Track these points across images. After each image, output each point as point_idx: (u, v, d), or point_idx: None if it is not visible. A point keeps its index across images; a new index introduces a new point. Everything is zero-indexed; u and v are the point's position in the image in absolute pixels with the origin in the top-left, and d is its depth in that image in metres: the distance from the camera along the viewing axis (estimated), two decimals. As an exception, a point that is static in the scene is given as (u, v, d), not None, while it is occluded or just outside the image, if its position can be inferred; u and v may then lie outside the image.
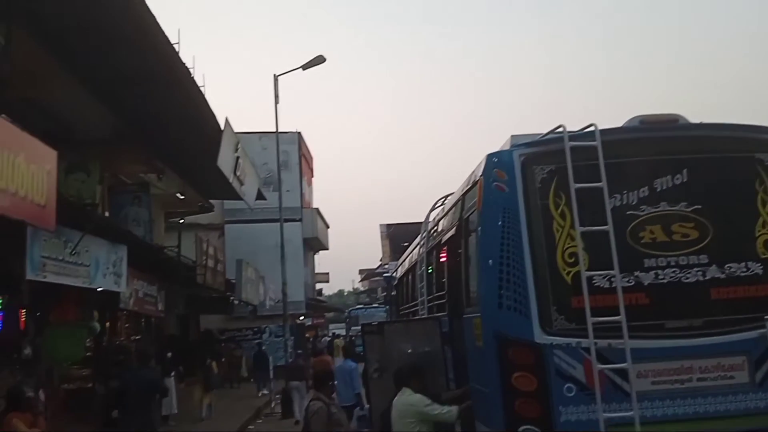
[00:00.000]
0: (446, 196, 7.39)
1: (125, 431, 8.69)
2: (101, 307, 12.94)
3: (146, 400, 8.83)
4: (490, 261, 4.81)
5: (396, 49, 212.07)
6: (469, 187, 5.59)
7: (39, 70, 9.04)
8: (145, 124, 12.10)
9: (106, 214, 12.99)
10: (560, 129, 4.85)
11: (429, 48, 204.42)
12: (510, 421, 4.49)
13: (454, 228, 6.12)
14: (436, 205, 7.84)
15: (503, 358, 4.60)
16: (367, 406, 7.92)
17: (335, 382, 7.28)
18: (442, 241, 6.83)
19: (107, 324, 14.86)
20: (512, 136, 5.33)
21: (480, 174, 5.15)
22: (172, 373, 15.08)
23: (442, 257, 6.89)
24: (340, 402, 10.03)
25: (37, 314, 10.23)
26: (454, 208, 6.32)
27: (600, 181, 4.68)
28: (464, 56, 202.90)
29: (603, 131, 4.83)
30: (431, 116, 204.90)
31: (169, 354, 16.05)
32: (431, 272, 7.63)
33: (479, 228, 5.08)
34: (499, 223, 4.80)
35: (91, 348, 13.95)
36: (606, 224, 4.61)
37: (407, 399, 5.44)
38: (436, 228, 7.51)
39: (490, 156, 5.12)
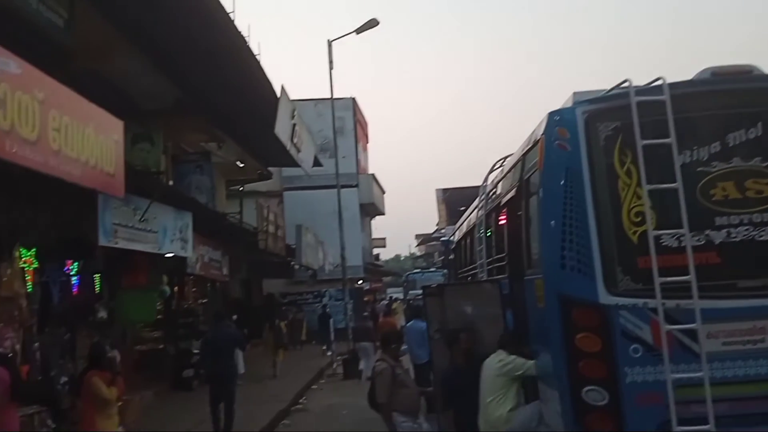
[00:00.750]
0: (505, 158, 7.27)
1: (213, 378, 9.65)
2: (170, 271, 13.49)
3: (229, 351, 9.62)
4: (553, 222, 4.72)
5: (452, 7, 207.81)
6: (529, 146, 5.48)
7: (102, 43, 9.30)
8: (205, 94, 12.35)
9: (171, 182, 13.41)
10: (626, 84, 4.67)
11: (486, 6, 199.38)
12: (574, 383, 4.46)
13: (515, 189, 6.02)
14: (495, 167, 7.73)
15: (566, 320, 4.54)
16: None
17: (403, 344, 7.38)
18: (502, 203, 6.75)
19: (176, 288, 15.49)
20: (575, 93, 5.16)
21: (541, 133, 5.03)
22: (238, 335, 15.63)
23: (502, 219, 6.81)
24: (416, 360, 10.26)
25: (111, 279, 10.75)
26: (514, 169, 6.21)
27: (668, 137, 4.50)
28: (525, 14, 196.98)
29: (672, 85, 4.63)
30: (489, 77, 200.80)
31: (235, 317, 16.58)
32: (490, 235, 7.56)
33: (541, 188, 4.98)
34: (562, 182, 4.70)
35: (162, 311, 14.61)
36: (675, 182, 4.45)
37: (504, 359, 5.41)
38: (495, 190, 7.41)
39: (551, 114, 4.99)
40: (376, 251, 43.34)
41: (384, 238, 46.94)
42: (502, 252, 6.71)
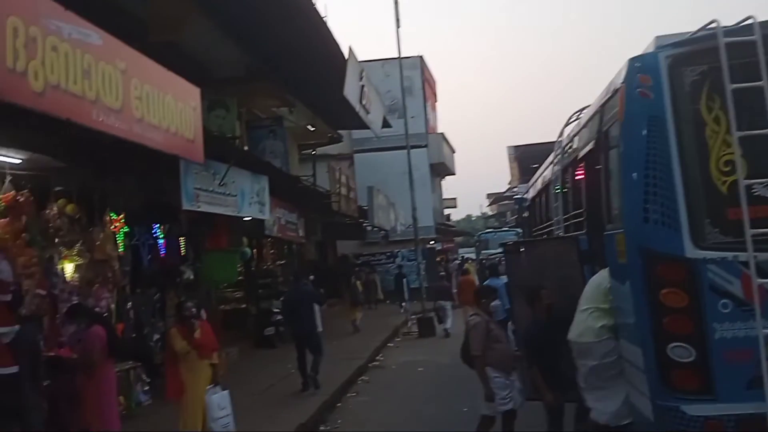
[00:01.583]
0: (582, 110, 7.02)
1: (296, 334, 10.42)
2: (249, 234, 13.95)
3: (308, 308, 10.27)
4: (635, 174, 4.54)
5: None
6: (609, 96, 5.25)
7: (178, 13, 9.51)
8: (275, 60, 12.49)
9: (246, 147, 13.75)
10: (713, 24, 4.37)
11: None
12: (659, 339, 4.33)
13: (593, 142, 5.81)
14: (571, 120, 7.48)
15: (650, 275, 4.40)
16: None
17: (496, 299, 7.39)
18: (579, 157, 6.54)
19: (255, 250, 16.03)
20: (657, 37, 4.88)
21: (621, 81, 4.80)
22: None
23: (579, 174, 6.61)
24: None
25: (195, 241, 11.23)
26: (592, 121, 5.99)
27: (760, 79, 4.20)
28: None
29: (763, 24, 4.30)
30: (565, 26, 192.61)
31: (312, 277, 17.06)
32: (567, 190, 7.37)
33: (622, 140, 4.78)
34: (644, 132, 4.49)
35: (243, 272, 15.18)
36: (767, 128, 4.17)
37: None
38: (571, 144, 7.18)
39: (632, 60, 4.74)
40: (447, 211, 43.18)
41: (455, 198, 46.63)
42: (579, 207, 6.54)
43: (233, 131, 11.89)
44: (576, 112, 7.32)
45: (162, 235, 10.21)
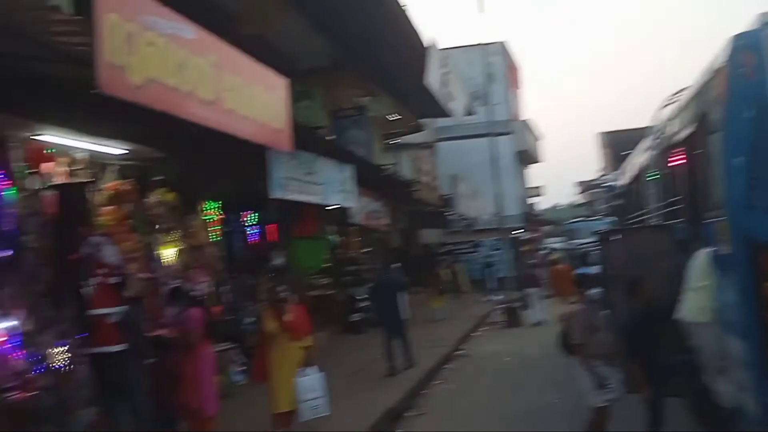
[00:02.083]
0: (679, 92, 6.66)
1: (384, 319, 10.91)
2: (335, 222, 14.21)
3: (394, 294, 10.76)
4: (738, 158, 4.29)
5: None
6: (709, 77, 4.96)
7: (265, 6, 9.78)
8: (358, 50, 12.60)
9: (331, 137, 13.99)
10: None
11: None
12: (765, 333, 4.09)
13: (692, 126, 5.52)
14: (667, 104, 7.12)
15: (756, 265, 4.15)
16: None
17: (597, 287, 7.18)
18: (676, 142, 6.23)
19: (341, 238, 16.33)
20: (761, 13, 4.56)
21: (723, 60, 4.53)
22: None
23: (677, 159, 6.29)
24: None
25: (284, 229, 11.57)
26: (690, 104, 5.69)
27: None
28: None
29: None
30: (654, 6, 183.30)
31: (398, 265, 17.20)
32: (663, 177, 7.04)
33: (724, 122, 4.52)
34: (749, 114, 4.23)
35: (329, 260, 15.50)
36: None
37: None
38: (667, 128, 6.85)
39: (735, 38, 4.47)
40: (532, 200, 42.23)
41: (540, 187, 45.55)
42: (676, 195, 6.24)
43: (319, 121, 12.12)
44: (673, 95, 6.97)
45: (254, 223, 10.58)
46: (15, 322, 6.42)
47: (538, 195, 44.55)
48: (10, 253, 6.22)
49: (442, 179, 21.63)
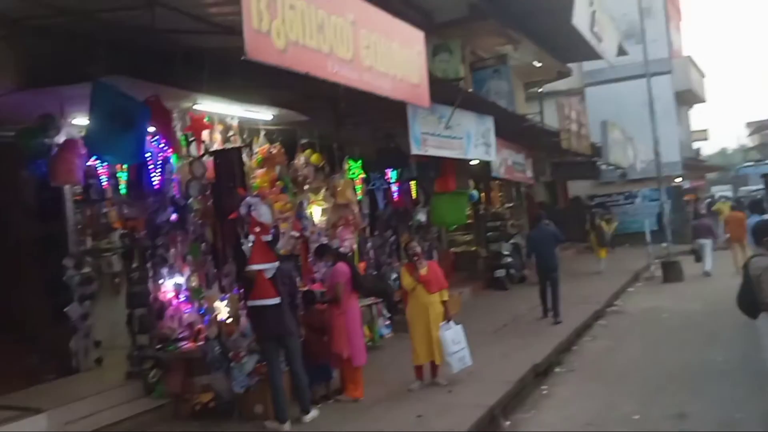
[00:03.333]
0: None
1: (539, 271, 11.21)
2: (476, 176, 14.03)
3: (549, 247, 11.00)
4: None
5: None
6: None
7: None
8: (497, -5, 12.11)
9: (470, 90, 13.68)
10: None
11: None
12: None
13: None
14: None
15: None
16: None
17: None
18: None
19: (483, 193, 16.11)
20: None
21: None
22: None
23: None
24: None
25: (424, 185, 11.62)
26: None
27: None
28: None
29: None
30: None
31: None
32: None
33: None
34: None
35: (471, 215, 15.41)
36: None
37: None
38: None
39: None
40: (696, 145, 38.71)
41: (705, 130, 41.56)
42: None
43: (457, 74, 11.87)
44: None
45: (395, 180, 10.71)
46: (183, 279, 7.09)
47: (703, 139, 40.84)
48: (175, 215, 6.84)
49: (592, 127, 20.36)
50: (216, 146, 7.24)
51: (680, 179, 28.24)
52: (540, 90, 19.83)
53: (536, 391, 7.46)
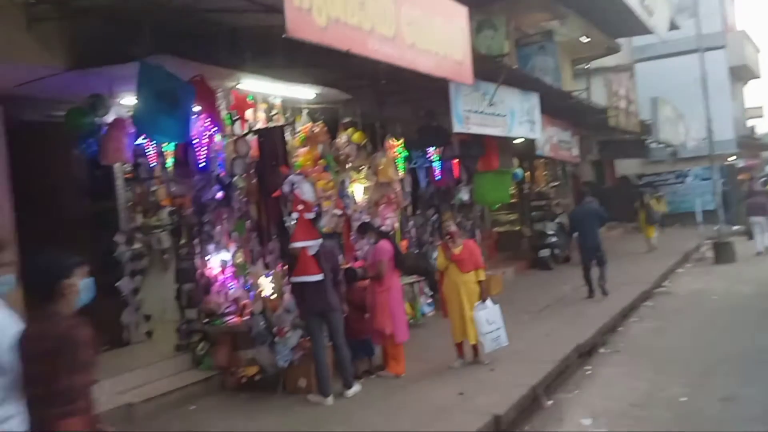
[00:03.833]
0: None
1: (583, 248, 11.16)
2: (520, 155, 13.83)
3: (593, 224, 10.97)
4: None
5: None
6: None
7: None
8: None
9: (514, 67, 13.43)
10: None
11: None
12: None
13: None
14: None
15: None
16: None
17: None
18: None
19: (527, 172, 15.89)
20: None
21: None
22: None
23: None
24: None
25: (467, 164, 11.51)
26: None
27: None
28: None
29: None
30: None
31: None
32: None
33: None
34: None
35: (516, 194, 15.22)
36: None
37: None
38: None
39: None
40: (751, 122, 37.20)
41: (760, 107, 39.83)
42: None
43: (501, 50, 11.66)
44: None
45: (437, 159, 10.64)
46: (228, 255, 7.24)
47: (757, 116, 39.22)
48: (221, 193, 6.97)
49: (642, 104, 19.76)
50: (259, 125, 7.31)
51: (734, 158, 27.28)
52: (587, 66, 19.31)
53: (580, 371, 7.37)
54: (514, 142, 11.72)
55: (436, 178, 10.93)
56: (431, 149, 10.38)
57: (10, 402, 2.84)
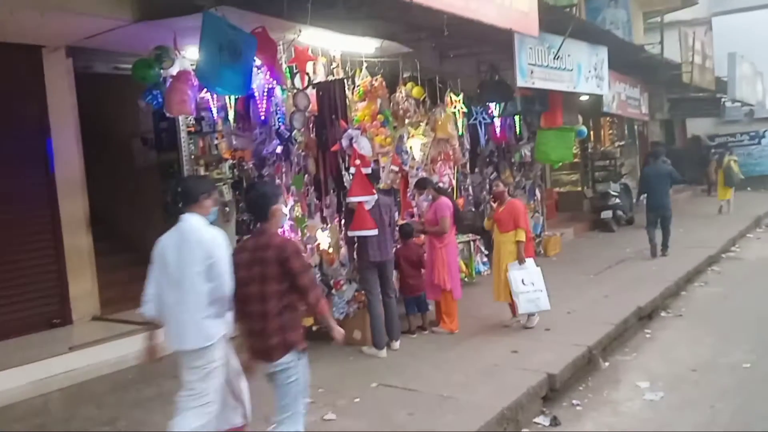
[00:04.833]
0: None
1: (650, 208, 11.14)
2: (585, 111, 13.35)
3: (664, 185, 10.98)
4: None
5: None
6: None
7: None
8: None
9: (583, 18, 12.86)
10: None
11: None
12: None
13: None
14: None
15: None
16: None
17: None
18: None
19: (591, 130, 15.37)
20: None
21: None
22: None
23: None
24: None
25: (530, 120, 11.21)
26: None
27: None
28: None
29: None
30: None
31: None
32: None
33: None
34: None
35: (578, 154, 14.77)
36: None
37: None
38: None
39: None
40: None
41: None
42: None
43: (570, 1, 11.19)
44: None
45: (498, 115, 10.38)
46: (287, 208, 7.34)
47: None
48: (281, 147, 7.03)
49: (718, 60, 18.67)
50: (319, 78, 7.28)
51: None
52: (662, 19, 18.31)
53: (639, 334, 7.23)
54: (580, 98, 11.30)
55: (497, 135, 10.68)
56: (492, 105, 10.11)
57: (214, 305, 3.75)
